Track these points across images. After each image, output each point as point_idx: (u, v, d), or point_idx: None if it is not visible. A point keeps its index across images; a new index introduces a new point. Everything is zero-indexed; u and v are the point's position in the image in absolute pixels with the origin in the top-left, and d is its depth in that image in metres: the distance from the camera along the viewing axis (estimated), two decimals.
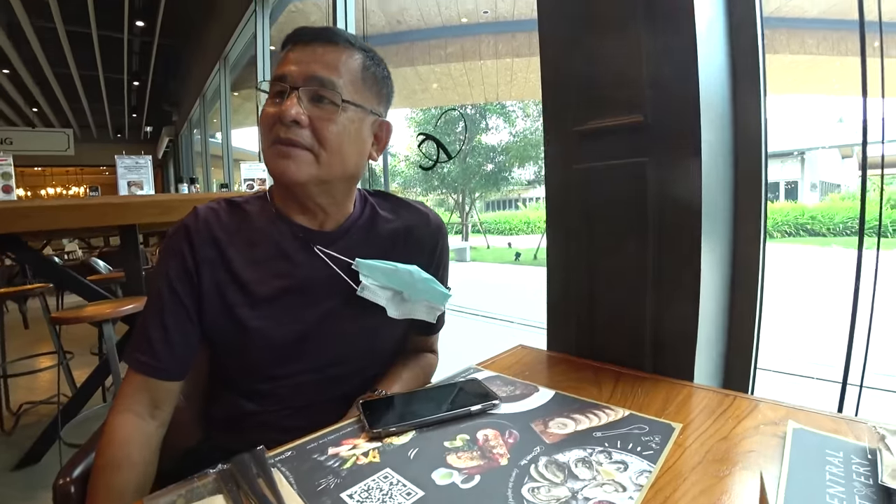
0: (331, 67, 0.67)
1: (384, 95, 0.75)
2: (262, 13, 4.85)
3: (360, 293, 0.72)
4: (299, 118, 0.65)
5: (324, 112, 0.66)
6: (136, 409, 0.66)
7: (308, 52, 0.68)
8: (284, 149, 0.66)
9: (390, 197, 0.85)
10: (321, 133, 0.66)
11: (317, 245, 0.74)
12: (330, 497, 0.47)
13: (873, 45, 1.09)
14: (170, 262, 0.69)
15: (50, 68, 8.44)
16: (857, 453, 0.51)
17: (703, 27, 0.78)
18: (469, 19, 8.35)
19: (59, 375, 2.22)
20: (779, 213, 12.18)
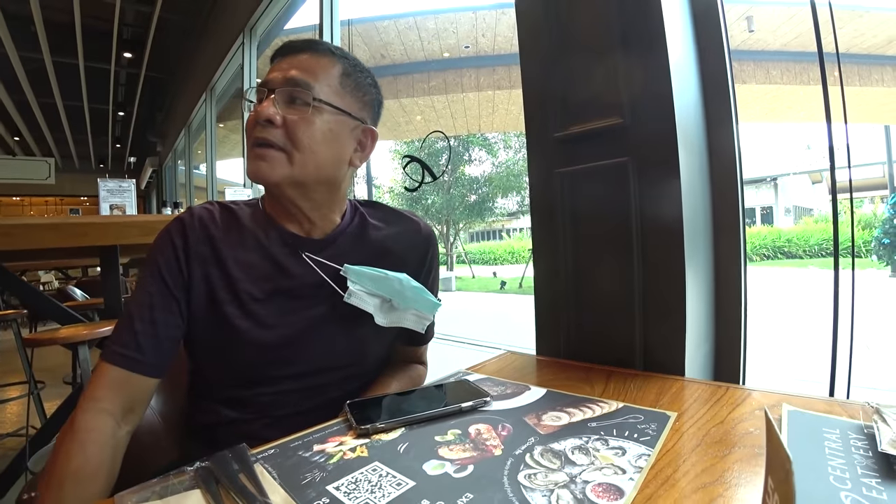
0: (308, 71, 0.68)
1: (368, 102, 0.75)
2: (249, 45, 4.93)
3: (348, 299, 0.71)
4: (273, 118, 0.66)
5: (297, 112, 0.67)
6: (109, 408, 0.61)
7: (288, 61, 0.70)
8: (259, 150, 0.67)
9: (381, 206, 0.85)
10: (293, 132, 0.66)
11: (305, 251, 0.73)
12: (315, 490, 0.45)
13: (833, 74, 1.15)
14: (161, 254, 0.68)
15: (35, 98, 8.41)
16: (853, 429, 0.51)
17: (676, 56, 0.82)
18: (451, 53, 8.62)
19: (29, 405, 2.12)
20: (756, 237, 12.49)
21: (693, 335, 0.82)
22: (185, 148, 8.85)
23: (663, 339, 0.81)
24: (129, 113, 10.00)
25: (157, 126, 10.75)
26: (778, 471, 0.27)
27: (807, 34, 7.18)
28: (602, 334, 0.89)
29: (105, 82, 8.26)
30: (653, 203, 0.82)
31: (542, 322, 0.98)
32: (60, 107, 9.10)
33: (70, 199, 14.81)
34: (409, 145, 14.21)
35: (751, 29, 7.27)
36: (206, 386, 0.73)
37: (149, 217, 2.03)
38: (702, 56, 0.93)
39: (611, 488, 0.43)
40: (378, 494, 0.43)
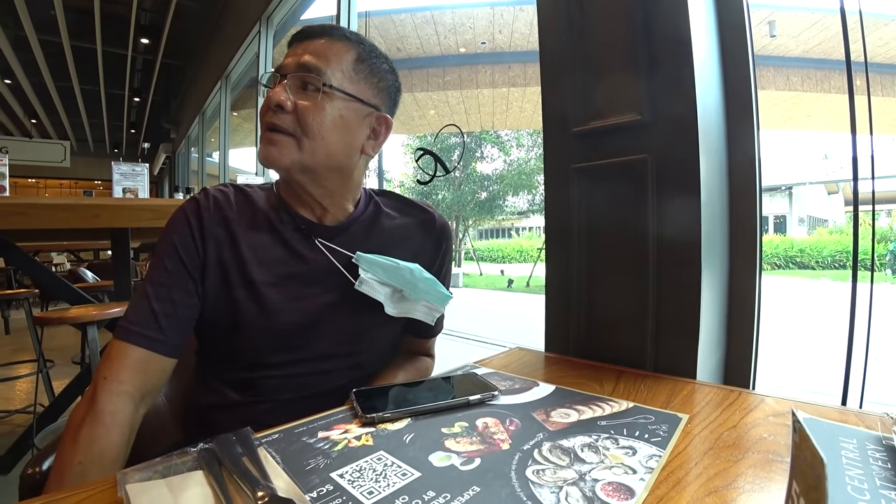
0: (320, 56, 0.67)
1: (383, 89, 0.74)
2: (265, 34, 4.94)
3: (358, 287, 0.70)
4: (284, 103, 0.65)
5: (307, 98, 0.66)
6: (131, 391, 0.61)
7: (304, 45, 0.69)
8: (270, 135, 0.66)
9: (396, 196, 0.85)
10: (302, 118, 0.66)
11: (318, 237, 0.73)
12: (319, 476, 0.44)
13: (856, 83, 1.12)
14: (177, 233, 0.68)
15: (52, 81, 8.50)
16: (870, 440, 0.49)
17: (700, 56, 0.80)
18: (467, 49, 8.59)
19: (38, 383, 2.14)
20: (769, 245, 12.36)
21: (706, 341, 0.80)
22: (199, 135, 8.91)
23: (675, 342, 0.80)
24: (144, 99, 10.09)
25: (171, 113, 10.84)
26: (807, 475, 0.26)
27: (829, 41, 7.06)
28: (612, 334, 0.87)
29: (122, 68, 8.34)
30: (671, 205, 0.80)
31: (552, 319, 0.97)
32: (77, 91, 9.20)
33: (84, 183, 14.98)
34: (421, 139, 14.20)
35: (772, 34, 7.17)
36: (212, 367, 0.73)
37: (161, 201, 2.05)
38: (725, 59, 0.91)
39: (621, 488, 0.42)
40: (383, 483, 0.43)
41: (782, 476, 0.43)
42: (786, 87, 7.95)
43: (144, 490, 0.40)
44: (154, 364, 0.63)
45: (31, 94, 9.18)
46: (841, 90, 7.62)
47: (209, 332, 0.71)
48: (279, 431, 0.54)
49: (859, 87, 1.11)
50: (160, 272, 0.66)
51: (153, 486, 0.40)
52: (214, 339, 0.72)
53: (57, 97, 9.53)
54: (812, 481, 0.25)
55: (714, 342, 0.86)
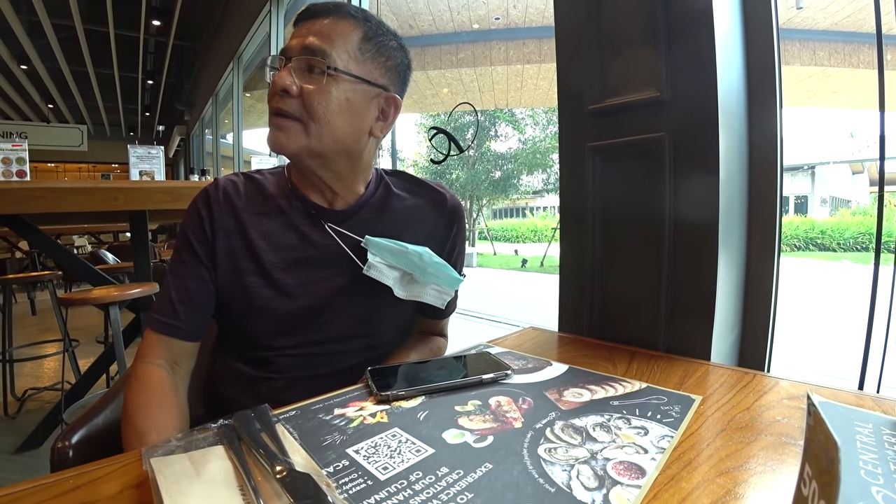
0: (324, 37, 0.66)
1: (391, 67, 0.72)
2: (276, 13, 4.90)
3: (367, 272, 0.71)
4: (289, 88, 0.65)
5: (313, 81, 0.65)
6: (158, 362, 0.68)
7: (308, 26, 0.68)
8: (277, 119, 0.66)
9: (407, 176, 0.84)
10: (308, 102, 0.65)
11: (328, 222, 0.73)
12: (335, 452, 0.46)
13: (887, 57, 1.07)
14: (190, 227, 0.72)
15: (67, 65, 8.57)
16: (886, 425, 0.49)
17: (722, 30, 0.77)
18: (481, 25, 8.41)
19: (65, 361, 2.22)
20: (788, 226, 12.08)
21: (721, 322, 0.79)
22: (213, 117, 8.94)
23: (690, 323, 0.79)
24: (157, 81, 10.13)
25: (184, 95, 10.88)
26: (820, 458, 0.26)
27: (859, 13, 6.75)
28: (626, 315, 0.87)
29: (134, 50, 8.36)
30: (688, 184, 0.79)
31: (566, 299, 0.97)
32: (92, 74, 9.27)
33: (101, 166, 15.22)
34: (434, 118, 14.06)
35: (799, 6, 6.87)
36: (229, 346, 0.75)
37: (176, 183, 2.07)
38: (748, 33, 0.88)
39: (632, 467, 0.42)
40: (397, 459, 0.44)
41: (795, 459, 0.43)
42: (812, 61, 7.65)
43: (168, 463, 0.41)
44: (175, 346, 0.70)
45: (46, 79, 9.28)
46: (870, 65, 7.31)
47: (225, 315, 0.73)
48: (296, 408, 0.56)
49: (890, 61, 1.06)
50: (177, 264, 0.72)
51: (176, 460, 0.42)
52: (231, 321, 0.73)
53: (72, 81, 9.61)
54: (825, 465, 0.25)
55: (729, 324, 0.85)
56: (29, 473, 1.85)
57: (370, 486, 0.39)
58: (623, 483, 0.40)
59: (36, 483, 0.41)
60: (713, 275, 0.76)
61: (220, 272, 0.70)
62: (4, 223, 1.86)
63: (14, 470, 1.88)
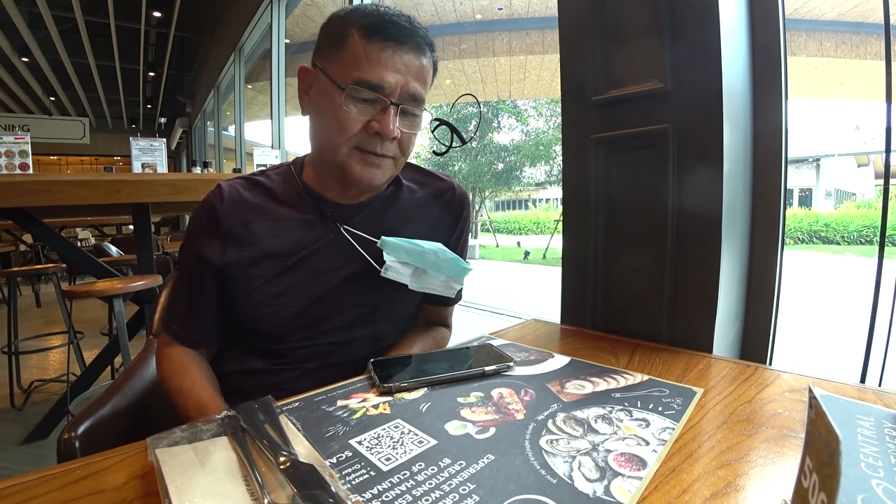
0: (423, 82, 0.68)
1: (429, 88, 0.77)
2: (277, 5, 4.87)
3: (384, 274, 0.72)
4: (397, 136, 0.67)
5: (412, 127, 0.69)
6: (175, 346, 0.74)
7: (400, 60, 0.65)
8: (376, 159, 0.68)
9: (415, 167, 0.86)
10: (404, 145, 0.70)
11: (340, 218, 0.74)
12: (338, 443, 0.46)
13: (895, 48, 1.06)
14: (192, 236, 0.73)
15: (68, 58, 8.55)
16: (888, 418, 0.49)
17: (728, 21, 0.76)
18: (483, 16, 8.33)
19: (70, 353, 2.24)
20: (792, 219, 12.02)
21: (723, 315, 0.79)
22: (214, 109, 8.92)
23: (693, 316, 0.79)
24: (158, 73, 10.10)
25: (186, 87, 10.85)
26: (821, 451, 0.26)
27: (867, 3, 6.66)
28: (629, 307, 0.87)
29: (135, 42, 8.33)
30: (692, 176, 0.78)
31: (569, 291, 0.97)
32: (93, 66, 9.24)
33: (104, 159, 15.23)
34: (437, 110, 14.00)
35: None
36: (237, 337, 0.75)
37: (179, 175, 2.07)
38: (754, 24, 0.87)
39: (633, 458, 0.42)
40: (400, 451, 0.44)
41: (795, 451, 0.43)
42: (818, 52, 7.56)
43: (173, 454, 0.42)
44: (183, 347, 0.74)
45: (48, 71, 9.25)
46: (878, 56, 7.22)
47: (235, 314, 0.73)
48: (299, 400, 0.56)
49: None
50: (182, 272, 0.76)
51: (181, 451, 0.42)
52: (241, 320, 0.73)
53: (74, 74, 9.58)
54: (826, 457, 0.25)
55: (732, 317, 0.85)
56: (36, 464, 1.88)
57: (373, 477, 0.40)
58: (624, 475, 0.40)
59: (43, 473, 0.41)
60: (716, 267, 0.76)
61: (229, 278, 0.71)
62: (8, 216, 1.87)
63: (21, 461, 1.91)
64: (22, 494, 0.39)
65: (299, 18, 6.42)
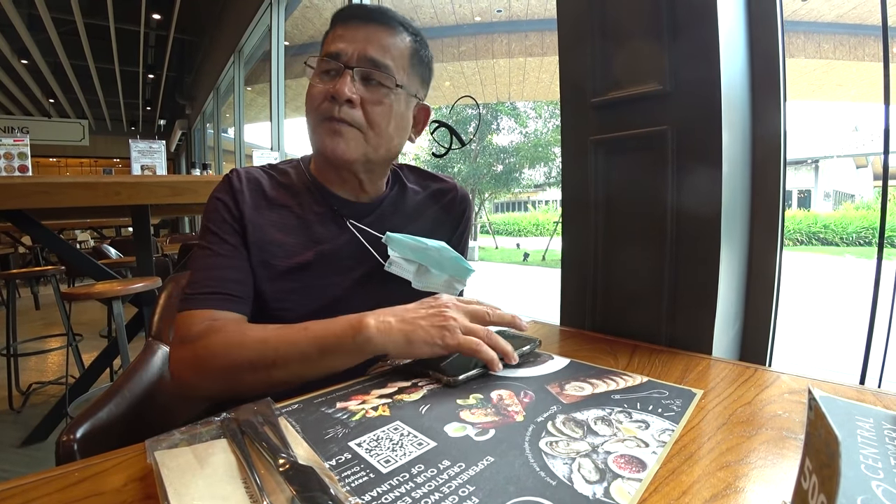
0: (384, 50, 0.67)
1: (426, 79, 0.76)
2: (277, 7, 4.87)
3: (388, 268, 0.72)
4: (353, 98, 0.65)
5: (375, 94, 0.67)
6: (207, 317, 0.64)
7: (361, 32, 0.67)
8: (336, 125, 0.66)
9: (417, 170, 0.87)
10: (371, 115, 0.67)
11: (349, 217, 0.75)
12: (338, 445, 0.46)
13: (892, 50, 1.06)
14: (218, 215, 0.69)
15: (67, 60, 8.55)
16: (888, 420, 0.49)
17: (726, 23, 0.76)
18: (483, 18, 8.36)
19: (68, 356, 2.23)
20: (791, 220, 12.04)
21: (722, 317, 0.79)
22: (214, 111, 8.92)
23: (692, 318, 0.79)
24: (158, 75, 10.10)
25: (185, 89, 10.85)
26: (821, 452, 0.26)
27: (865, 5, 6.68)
28: (628, 308, 0.87)
29: (135, 44, 8.33)
30: (691, 178, 0.78)
31: (568, 292, 0.97)
32: (92, 69, 9.25)
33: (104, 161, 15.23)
34: (436, 112, 13.98)
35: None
36: None
37: (178, 177, 2.07)
38: (752, 26, 0.87)
39: (633, 460, 0.42)
40: (399, 452, 0.44)
41: (795, 453, 0.43)
42: (816, 54, 7.58)
43: (172, 457, 0.42)
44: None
45: (47, 73, 9.26)
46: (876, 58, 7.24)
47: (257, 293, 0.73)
48: (298, 402, 0.56)
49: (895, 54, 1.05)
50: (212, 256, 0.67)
51: (180, 454, 0.42)
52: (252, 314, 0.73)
53: (73, 76, 9.59)
54: (825, 458, 0.25)
55: (731, 318, 0.85)
56: (34, 466, 1.87)
57: (372, 479, 0.40)
58: (624, 476, 0.40)
59: (41, 476, 0.41)
60: (715, 269, 0.76)
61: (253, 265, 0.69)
62: (7, 218, 1.87)
63: (19, 463, 1.90)
64: (20, 497, 0.38)
65: (299, 20, 6.44)
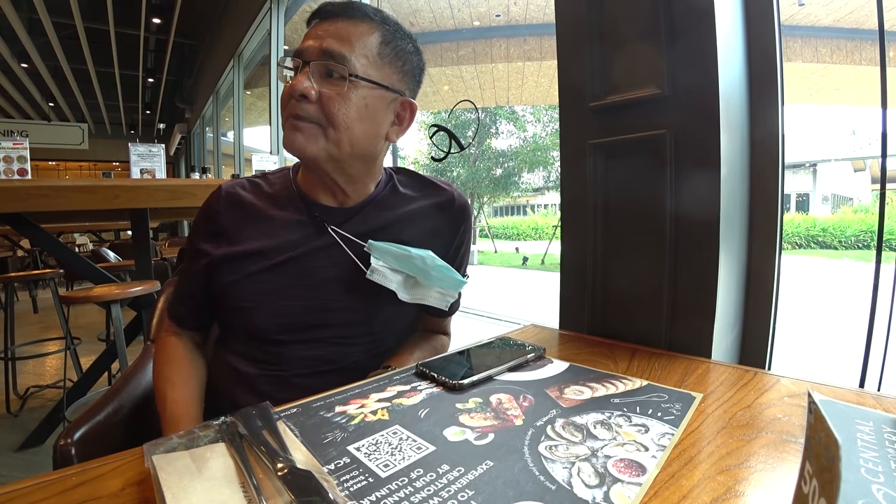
0: (343, 41, 0.65)
1: (408, 72, 0.72)
2: (276, 11, 4.89)
3: (370, 276, 0.71)
4: (307, 93, 0.64)
5: (332, 88, 0.65)
6: (173, 330, 0.78)
7: (324, 27, 0.66)
8: (295, 122, 0.65)
9: (413, 174, 0.84)
10: (328, 109, 0.65)
11: (332, 223, 0.73)
12: (336, 449, 0.46)
13: (889, 54, 1.06)
14: (194, 233, 0.77)
15: (67, 63, 8.56)
16: (887, 423, 0.49)
17: (724, 27, 0.77)
18: (481, 22, 8.39)
19: (66, 359, 2.23)
20: (790, 224, 12.05)
21: (722, 320, 0.79)
22: (213, 115, 8.93)
23: (691, 321, 0.79)
24: (158, 79, 10.11)
25: (185, 93, 10.86)
26: (821, 456, 0.26)
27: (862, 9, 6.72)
28: (627, 312, 0.87)
29: (135, 48, 8.35)
30: (689, 182, 0.78)
31: (567, 296, 0.97)
32: (92, 72, 9.26)
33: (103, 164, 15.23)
34: (435, 116, 14.04)
35: (801, 2, 6.84)
36: (232, 343, 0.75)
37: (177, 181, 2.07)
38: (750, 30, 0.87)
39: (633, 464, 0.42)
40: (398, 457, 0.44)
41: (795, 456, 0.43)
42: (814, 58, 7.61)
43: (170, 461, 0.41)
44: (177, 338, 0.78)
45: (47, 77, 9.27)
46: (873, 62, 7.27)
47: (227, 314, 0.73)
48: (297, 406, 0.56)
49: (892, 58, 1.06)
50: (186, 262, 0.78)
51: (178, 458, 0.42)
52: (234, 321, 0.74)
53: (73, 80, 9.60)
54: (826, 462, 0.25)
55: (730, 321, 0.85)
56: (31, 471, 1.86)
57: (371, 484, 0.40)
58: (624, 480, 0.40)
59: (39, 480, 0.41)
60: (714, 272, 0.76)
61: (218, 270, 0.71)
62: (6, 221, 1.87)
63: (17, 467, 1.89)
64: (17, 501, 0.38)
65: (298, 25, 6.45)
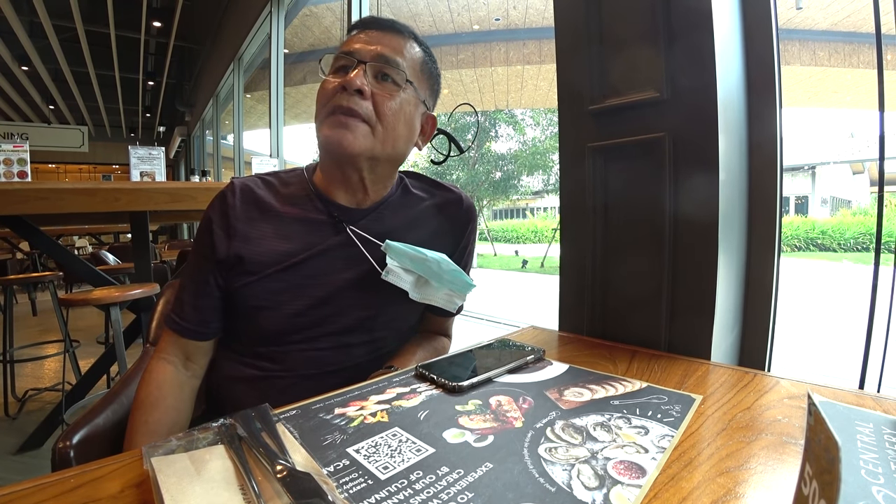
0: (397, 50, 0.70)
1: (435, 91, 0.79)
2: (276, 15, 4.90)
3: (385, 277, 0.72)
4: (363, 88, 0.66)
5: (386, 89, 0.69)
6: (170, 359, 0.72)
7: (375, 36, 0.71)
8: (344, 118, 0.67)
9: (422, 177, 0.87)
10: (381, 107, 0.68)
11: (349, 221, 0.75)
12: (336, 451, 0.45)
13: (887, 57, 1.07)
14: (205, 230, 0.73)
15: (68, 66, 8.59)
16: (887, 424, 0.49)
17: (722, 31, 0.77)
18: (481, 26, 8.42)
19: (65, 362, 2.22)
20: (789, 226, 12.07)
21: (721, 322, 0.79)
22: (213, 118, 8.95)
23: (691, 323, 0.79)
24: (158, 82, 10.14)
25: (185, 96, 10.89)
26: (821, 458, 0.26)
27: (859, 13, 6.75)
28: (627, 314, 0.87)
29: (135, 51, 8.37)
30: (688, 184, 0.79)
31: (566, 298, 0.97)
32: (93, 75, 9.28)
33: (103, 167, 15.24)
34: None
35: (798, 6, 6.87)
36: (235, 342, 0.75)
37: (177, 184, 2.07)
38: (748, 33, 0.88)
39: (633, 466, 0.42)
40: (398, 459, 0.44)
41: (795, 458, 0.43)
42: (812, 61, 7.64)
43: (169, 463, 0.41)
44: (189, 344, 0.73)
45: (47, 80, 9.29)
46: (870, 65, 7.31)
47: (233, 313, 0.73)
48: (297, 408, 0.56)
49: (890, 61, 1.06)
50: (190, 265, 0.75)
51: (177, 460, 0.42)
52: (237, 319, 0.73)
53: (73, 82, 9.62)
54: (825, 464, 0.25)
55: (729, 323, 0.85)
56: (30, 473, 1.85)
57: (370, 486, 0.39)
58: (623, 482, 0.40)
59: (37, 482, 0.41)
60: (713, 274, 0.76)
61: (234, 275, 0.71)
62: (6, 224, 1.87)
63: (15, 470, 1.89)
64: (16, 503, 0.38)
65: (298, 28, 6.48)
